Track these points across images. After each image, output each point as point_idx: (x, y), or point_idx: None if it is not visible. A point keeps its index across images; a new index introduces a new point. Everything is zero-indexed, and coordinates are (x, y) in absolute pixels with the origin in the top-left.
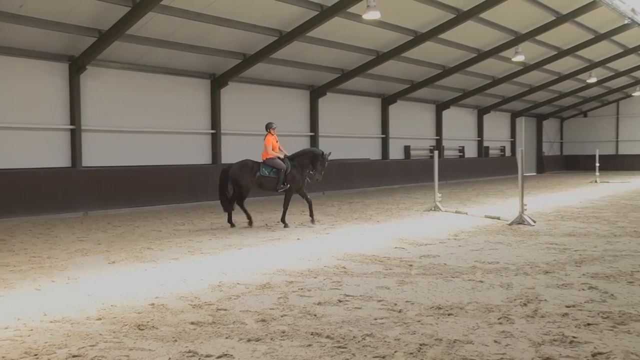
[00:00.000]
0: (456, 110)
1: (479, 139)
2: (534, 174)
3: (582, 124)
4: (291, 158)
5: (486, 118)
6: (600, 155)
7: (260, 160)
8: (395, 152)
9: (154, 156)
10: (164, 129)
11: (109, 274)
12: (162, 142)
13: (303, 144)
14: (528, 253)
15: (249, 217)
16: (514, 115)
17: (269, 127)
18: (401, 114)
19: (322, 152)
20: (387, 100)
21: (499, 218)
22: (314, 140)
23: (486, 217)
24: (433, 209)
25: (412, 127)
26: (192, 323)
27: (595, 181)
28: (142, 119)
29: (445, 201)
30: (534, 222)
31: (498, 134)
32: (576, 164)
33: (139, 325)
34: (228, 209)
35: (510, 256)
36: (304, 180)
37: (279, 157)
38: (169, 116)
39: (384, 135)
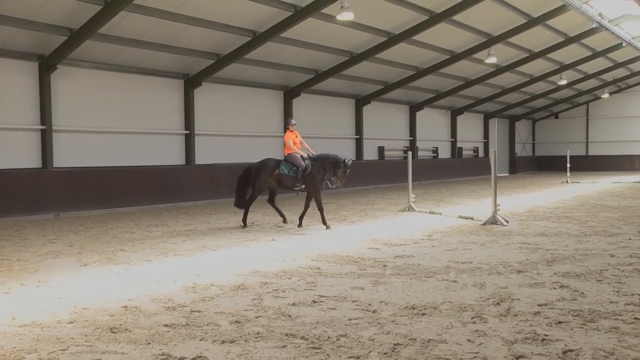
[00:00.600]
0: (430, 111)
1: (453, 139)
2: (507, 174)
3: (554, 125)
4: (314, 159)
5: (459, 119)
6: (571, 156)
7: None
8: (370, 153)
9: (126, 157)
10: (137, 129)
11: (81, 277)
12: (135, 142)
13: (276, 145)
14: (501, 253)
15: (245, 220)
16: (487, 116)
17: (287, 123)
18: (375, 115)
19: (345, 159)
20: (361, 101)
21: (472, 218)
22: None
23: (460, 217)
24: (407, 209)
25: (386, 128)
26: (166, 325)
27: (567, 181)
28: (115, 119)
29: (419, 202)
30: (507, 222)
31: (471, 135)
32: (548, 165)
33: (112, 328)
34: (243, 207)
35: (483, 256)
36: (322, 183)
37: (301, 155)
38: (142, 116)
39: (357, 136)
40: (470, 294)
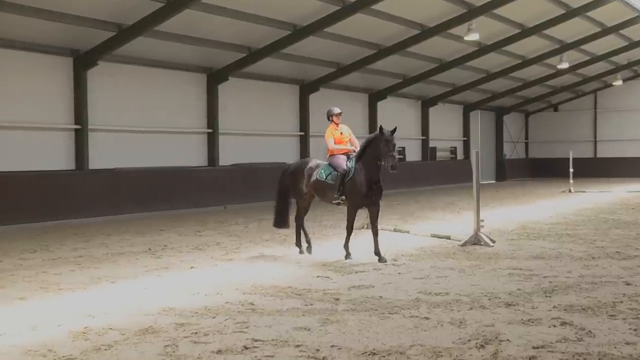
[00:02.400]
0: (395, 101)
1: (424, 137)
2: (493, 181)
3: (552, 120)
4: (357, 158)
5: (432, 112)
6: (574, 159)
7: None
8: (318, 154)
9: None
10: (5, 122)
11: None
12: (2, 140)
13: (197, 144)
14: (485, 281)
15: (308, 240)
16: (468, 108)
17: (329, 114)
18: (325, 106)
19: (381, 131)
20: (307, 88)
21: (449, 237)
22: (212, 139)
23: (433, 236)
24: (365, 226)
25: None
26: None
27: (569, 191)
28: None
29: (382, 216)
30: (493, 242)
31: (448, 131)
32: (545, 170)
33: None
34: (281, 224)
35: (463, 285)
36: (371, 189)
37: (346, 154)
38: (11, 106)
39: (303, 133)
40: (447, 335)
